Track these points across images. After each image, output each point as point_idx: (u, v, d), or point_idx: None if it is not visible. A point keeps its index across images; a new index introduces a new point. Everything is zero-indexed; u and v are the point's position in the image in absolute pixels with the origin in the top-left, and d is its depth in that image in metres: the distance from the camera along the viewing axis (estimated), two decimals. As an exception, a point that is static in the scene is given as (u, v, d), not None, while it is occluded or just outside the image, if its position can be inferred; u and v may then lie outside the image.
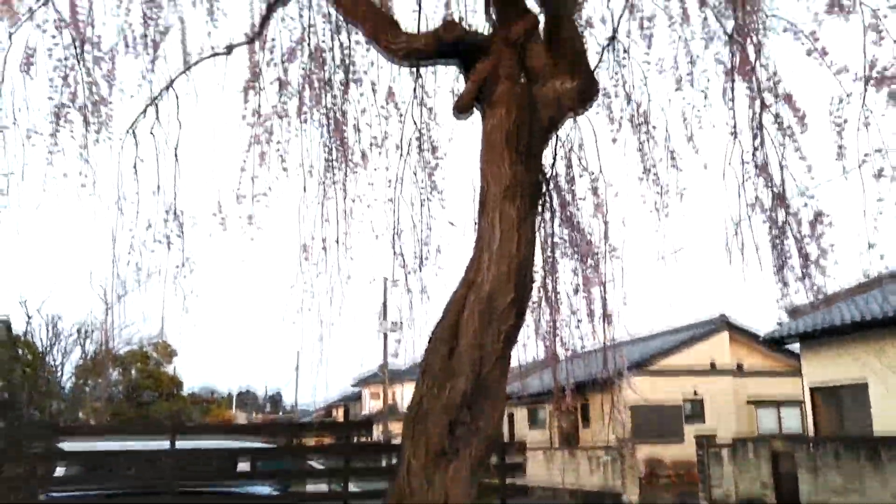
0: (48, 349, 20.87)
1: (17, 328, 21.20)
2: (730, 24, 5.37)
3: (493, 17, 4.89)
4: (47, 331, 20.97)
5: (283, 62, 6.73)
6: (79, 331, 20.80)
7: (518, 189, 4.32)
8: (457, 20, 5.34)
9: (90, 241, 6.09)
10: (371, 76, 6.61)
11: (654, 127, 6.26)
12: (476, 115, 5.00)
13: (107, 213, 5.98)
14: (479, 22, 6.43)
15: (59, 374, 21.36)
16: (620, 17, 6.12)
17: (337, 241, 6.25)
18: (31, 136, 5.92)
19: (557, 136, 6.09)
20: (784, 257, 5.03)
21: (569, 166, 6.64)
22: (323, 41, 6.76)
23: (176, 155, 6.06)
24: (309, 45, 6.73)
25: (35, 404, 19.44)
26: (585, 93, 4.64)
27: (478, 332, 4.20)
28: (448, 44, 4.66)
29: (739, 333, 28.91)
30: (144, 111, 6.02)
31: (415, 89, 6.56)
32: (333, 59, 6.80)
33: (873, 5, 4.69)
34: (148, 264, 6.13)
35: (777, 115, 5.12)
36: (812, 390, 17.71)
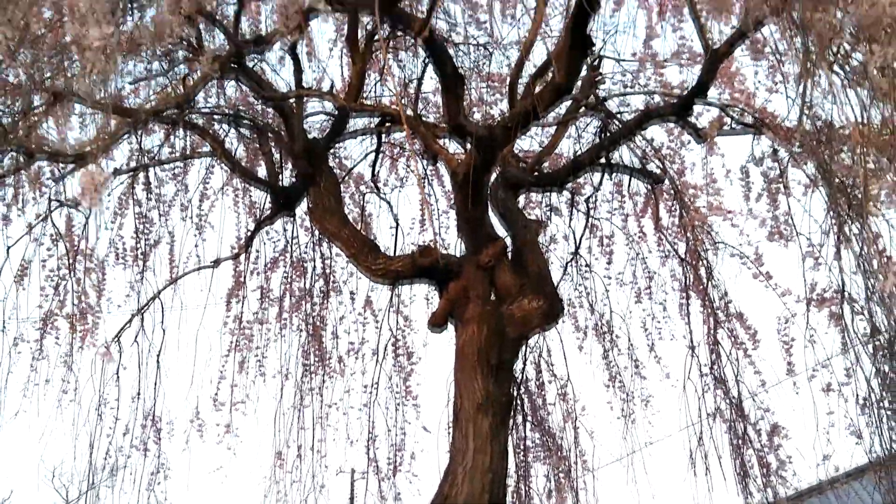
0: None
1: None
2: (682, 247, 5.86)
3: (465, 241, 5.31)
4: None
5: (265, 271, 7.10)
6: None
7: (490, 404, 4.54)
8: (431, 242, 5.77)
9: (58, 441, 6.17)
10: (350, 286, 7.00)
11: (617, 336, 6.62)
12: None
13: (85, 418, 6.08)
14: (452, 236, 6.95)
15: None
16: (582, 235, 6.63)
17: (312, 449, 6.34)
18: (18, 344, 6.14)
19: (527, 342, 6.39)
20: (745, 468, 5.22)
21: (538, 371, 6.90)
22: (305, 252, 7.19)
23: (158, 362, 6.25)
24: (291, 255, 7.14)
25: None
26: (550, 313, 4.98)
27: (452, 548, 4.26)
28: (423, 267, 5.04)
29: (718, 530, 28.07)
30: (130, 321, 6.25)
31: (391, 298, 6.91)
32: (314, 268, 7.19)
33: (811, 230, 5.22)
34: (123, 468, 6.16)
35: (732, 331, 5.49)
36: None
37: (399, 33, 5.41)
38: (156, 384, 6.19)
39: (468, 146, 4.85)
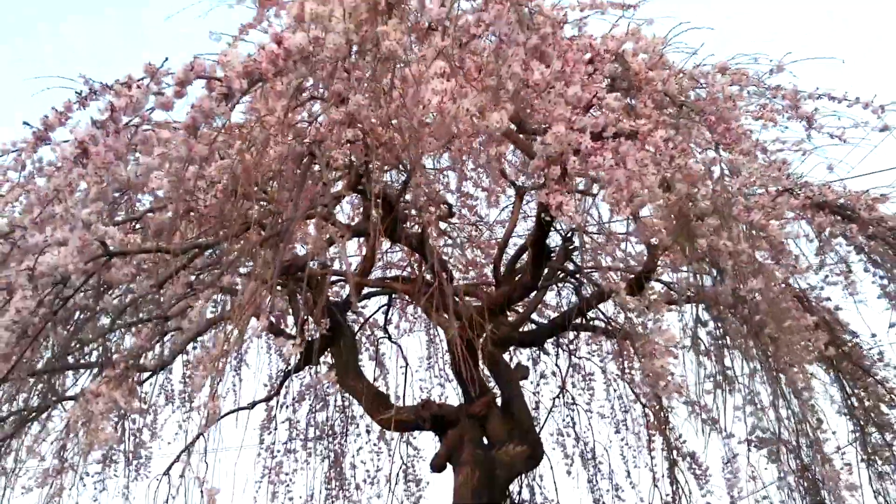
0: None
1: None
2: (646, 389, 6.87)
3: (461, 393, 6.36)
4: None
5: (293, 403, 8.18)
6: None
7: (484, 540, 5.50)
8: (432, 398, 6.83)
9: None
10: (366, 420, 8.02)
11: (600, 462, 7.58)
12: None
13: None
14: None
15: None
16: (566, 373, 7.66)
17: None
18: (84, 479, 7.19)
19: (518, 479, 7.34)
20: None
21: (532, 494, 7.84)
22: (326, 387, 8.25)
23: (202, 493, 7.25)
24: (315, 390, 8.22)
25: None
26: (533, 457, 5.95)
27: None
28: (425, 418, 6.07)
29: None
30: (178, 457, 7.30)
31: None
32: (335, 401, 8.25)
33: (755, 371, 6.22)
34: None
35: (690, 465, 6.45)
36: None
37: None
38: (200, 514, 7.19)
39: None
